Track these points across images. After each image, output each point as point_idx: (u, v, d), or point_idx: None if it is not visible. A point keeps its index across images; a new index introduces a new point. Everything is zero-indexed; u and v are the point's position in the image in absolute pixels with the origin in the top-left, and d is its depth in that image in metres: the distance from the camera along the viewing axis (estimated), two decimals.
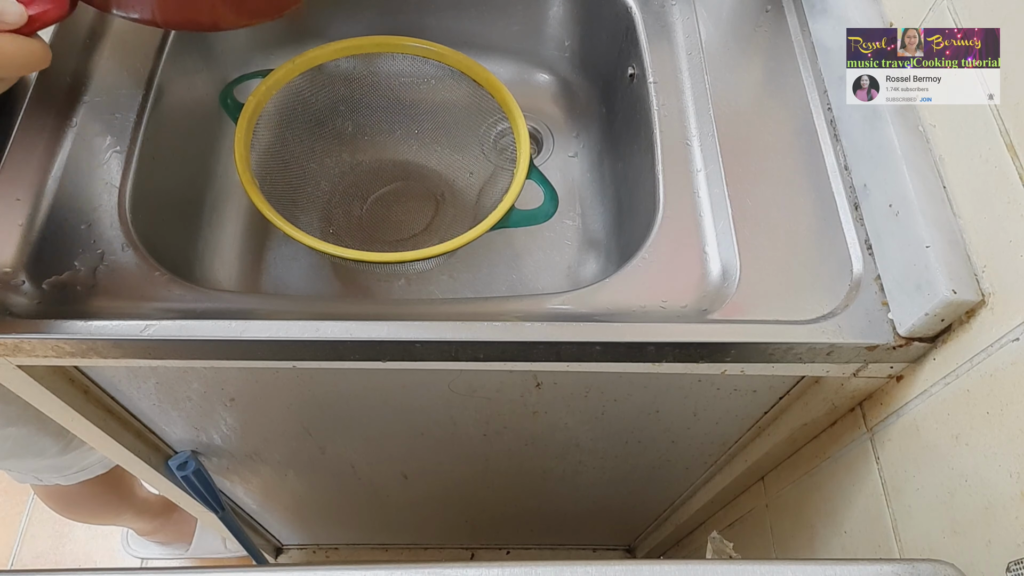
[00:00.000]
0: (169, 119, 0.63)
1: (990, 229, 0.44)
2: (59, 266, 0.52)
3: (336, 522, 1.20)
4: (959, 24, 0.48)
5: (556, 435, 0.74)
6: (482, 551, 1.31)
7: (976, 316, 0.45)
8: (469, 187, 0.74)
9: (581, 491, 0.95)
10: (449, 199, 0.74)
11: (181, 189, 0.68)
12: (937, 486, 0.50)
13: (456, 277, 0.72)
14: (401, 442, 0.78)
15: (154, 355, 0.51)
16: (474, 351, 0.50)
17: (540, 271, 0.74)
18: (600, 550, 1.32)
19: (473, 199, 0.74)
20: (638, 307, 0.52)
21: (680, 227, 0.56)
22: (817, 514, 0.68)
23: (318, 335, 0.49)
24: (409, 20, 0.77)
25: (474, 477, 0.90)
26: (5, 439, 0.81)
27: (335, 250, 0.57)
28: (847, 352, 0.50)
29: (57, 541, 1.38)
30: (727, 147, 0.58)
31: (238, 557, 1.31)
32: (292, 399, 0.67)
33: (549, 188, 0.62)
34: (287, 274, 0.72)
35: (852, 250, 0.53)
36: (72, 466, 0.92)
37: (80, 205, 0.55)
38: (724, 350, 0.50)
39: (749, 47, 0.65)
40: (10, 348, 0.50)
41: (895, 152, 0.50)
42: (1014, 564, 0.41)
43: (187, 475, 0.78)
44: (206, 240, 0.71)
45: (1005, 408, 0.43)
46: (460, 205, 0.74)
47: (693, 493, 0.93)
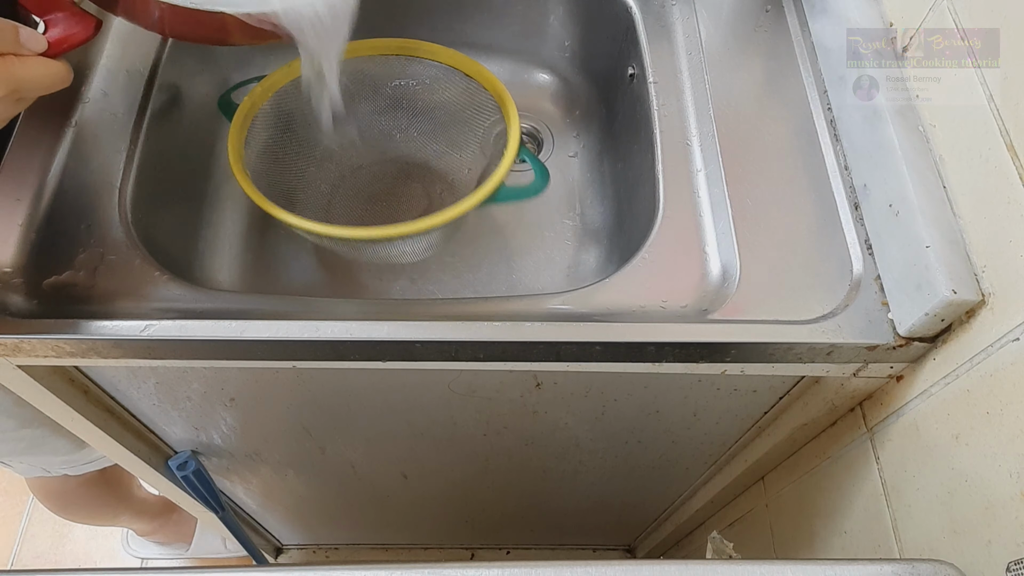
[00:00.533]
0: (169, 120, 0.63)
1: (990, 229, 0.44)
2: (59, 266, 0.52)
3: (336, 522, 1.20)
4: (959, 24, 0.48)
5: (556, 435, 0.74)
6: (482, 551, 1.31)
7: (976, 316, 0.45)
8: (467, 184, 0.74)
9: (581, 491, 0.95)
10: (447, 197, 0.74)
11: (181, 189, 0.68)
12: (937, 486, 0.50)
13: (456, 277, 0.72)
14: (401, 442, 0.78)
15: (154, 355, 0.51)
16: (474, 351, 0.50)
17: (540, 271, 0.74)
18: (600, 550, 1.32)
19: None
20: (638, 307, 0.52)
21: (680, 227, 0.56)
22: (817, 514, 0.68)
23: (318, 335, 0.49)
24: (409, 20, 0.77)
25: (474, 477, 0.90)
26: (20, 440, 0.81)
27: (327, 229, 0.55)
28: (847, 352, 0.50)
29: (57, 541, 1.38)
30: (727, 147, 0.58)
31: (238, 557, 1.31)
32: (292, 399, 0.67)
33: (539, 165, 0.62)
34: (287, 274, 0.72)
35: (852, 250, 0.53)
36: (83, 459, 0.92)
37: (80, 205, 0.55)
38: (724, 350, 0.50)
39: (749, 47, 0.65)
40: (10, 348, 0.50)
41: (895, 152, 0.50)
42: (1014, 564, 0.41)
43: (187, 475, 0.78)
44: (206, 240, 0.71)
45: (1005, 408, 0.43)
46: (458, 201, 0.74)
47: (693, 493, 0.93)
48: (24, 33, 0.45)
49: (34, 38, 0.46)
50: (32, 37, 0.46)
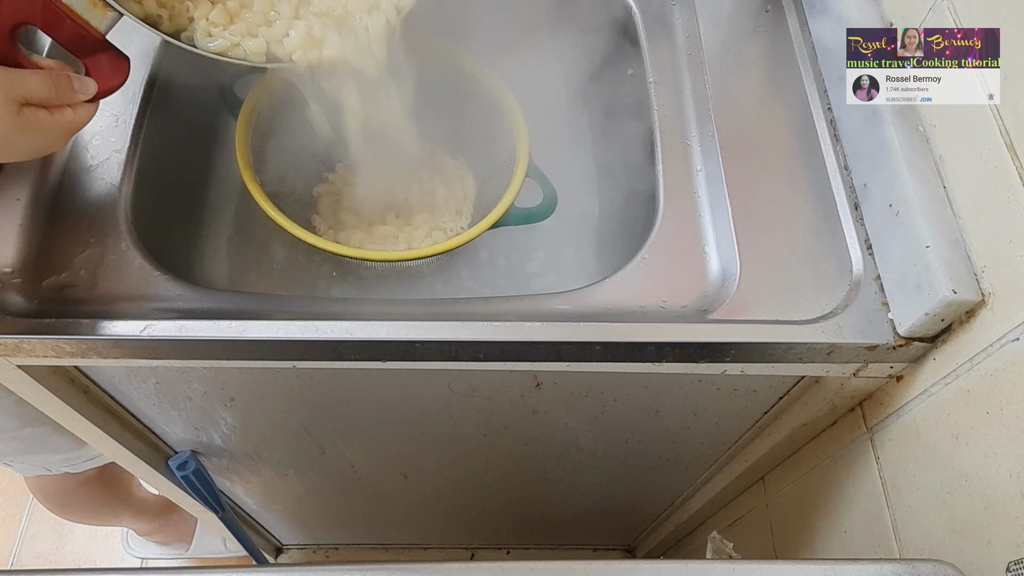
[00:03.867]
0: (169, 119, 0.63)
1: (990, 229, 0.44)
2: (59, 266, 0.52)
3: (336, 522, 1.20)
4: (959, 24, 0.48)
5: (556, 435, 0.74)
6: (482, 551, 1.31)
7: (976, 316, 0.45)
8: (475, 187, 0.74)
9: (581, 491, 0.95)
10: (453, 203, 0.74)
11: (181, 189, 0.68)
12: (937, 486, 0.50)
13: (456, 277, 0.72)
14: (401, 442, 0.78)
15: (154, 355, 0.51)
16: (474, 351, 0.50)
17: (540, 271, 0.74)
18: (600, 550, 1.32)
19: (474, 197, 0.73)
20: (638, 307, 0.52)
21: (680, 227, 0.56)
22: (817, 514, 0.68)
23: (318, 335, 0.49)
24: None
25: (474, 477, 0.90)
26: (23, 439, 0.81)
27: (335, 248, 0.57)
28: (847, 352, 0.50)
29: (57, 541, 1.38)
30: (727, 147, 0.58)
31: (238, 557, 1.31)
32: (292, 399, 0.67)
33: (548, 186, 0.62)
34: (287, 274, 0.72)
35: (852, 250, 0.53)
36: (84, 455, 0.92)
37: (80, 205, 0.55)
38: (724, 350, 0.50)
39: (749, 47, 0.65)
40: (10, 348, 0.50)
41: (895, 152, 0.50)
42: (1014, 564, 0.41)
43: (187, 475, 0.78)
44: (206, 240, 0.70)
45: (1005, 408, 0.43)
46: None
47: (693, 493, 0.93)
48: (77, 83, 0.47)
49: (86, 85, 0.48)
50: (85, 85, 0.48)
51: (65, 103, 0.47)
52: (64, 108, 0.47)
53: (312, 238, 0.57)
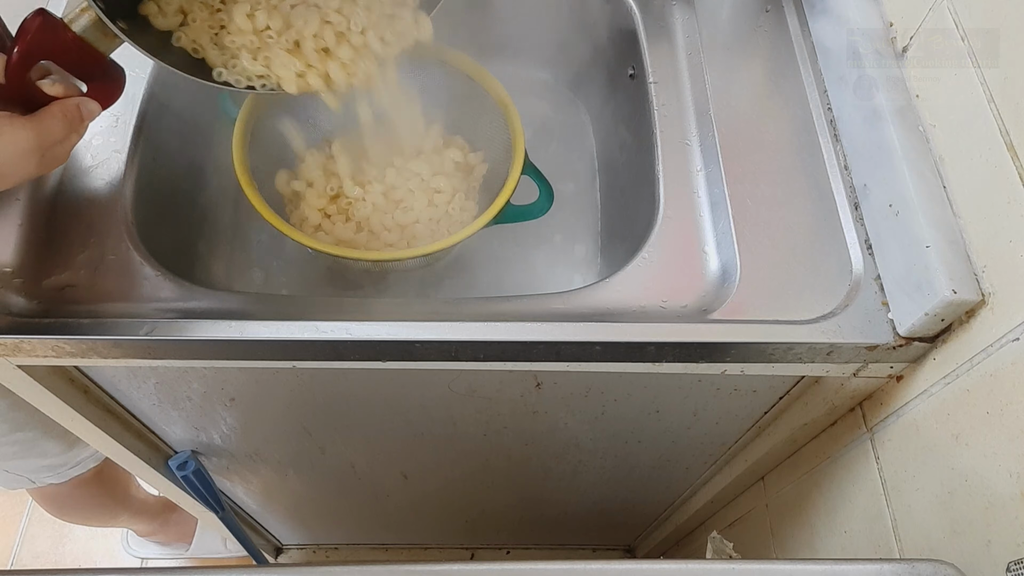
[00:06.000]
0: (169, 120, 0.63)
1: (990, 229, 0.44)
2: (59, 266, 0.52)
3: (336, 522, 1.20)
4: (959, 24, 0.48)
5: (556, 435, 0.74)
6: (482, 551, 1.31)
7: (976, 316, 0.45)
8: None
9: (581, 491, 0.95)
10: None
11: (181, 189, 0.68)
12: (937, 486, 0.50)
13: (456, 277, 0.72)
14: (401, 442, 0.78)
15: (154, 355, 0.51)
16: (474, 351, 0.50)
17: (539, 271, 0.74)
18: (600, 550, 1.32)
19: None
20: (638, 307, 0.52)
21: (680, 227, 0.56)
22: (817, 514, 0.68)
23: (318, 335, 0.49)
24: None
25: (474, 477, 0.90)
26: (12, 444, 0.81)
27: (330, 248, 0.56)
28: (847, 352, 0.50)
29: (57, 541, 1.38)
30: (727, 147, 0.58)
31: (238, 557, 1.31)
32: (292, 399, 0.67)
33: (544, 184, 0.62)
34: (286, 274, 0.72)
35: (852, 250, 0.53)
36: (66, 463, 0.92)
37: (80, 205, 0.55)
38: (724, 350, 0.50)
39: (749, 47, 0.65)
40: (10, 348, 0.50)
41: (895, 152, 0.50)
42: (1014, 564, 0.41)
43: (187, 475, 0.78)
44: (206, 240, 0.70)
45: (1005, 408, 0.43)
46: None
47: (693, 493, 0.93)
48: (84, 110, 0.49)
49: (92, 110, 0.49)
50: (91, 110, 0.49)
51: (75, 132, 0.49)
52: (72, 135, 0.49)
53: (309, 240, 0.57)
